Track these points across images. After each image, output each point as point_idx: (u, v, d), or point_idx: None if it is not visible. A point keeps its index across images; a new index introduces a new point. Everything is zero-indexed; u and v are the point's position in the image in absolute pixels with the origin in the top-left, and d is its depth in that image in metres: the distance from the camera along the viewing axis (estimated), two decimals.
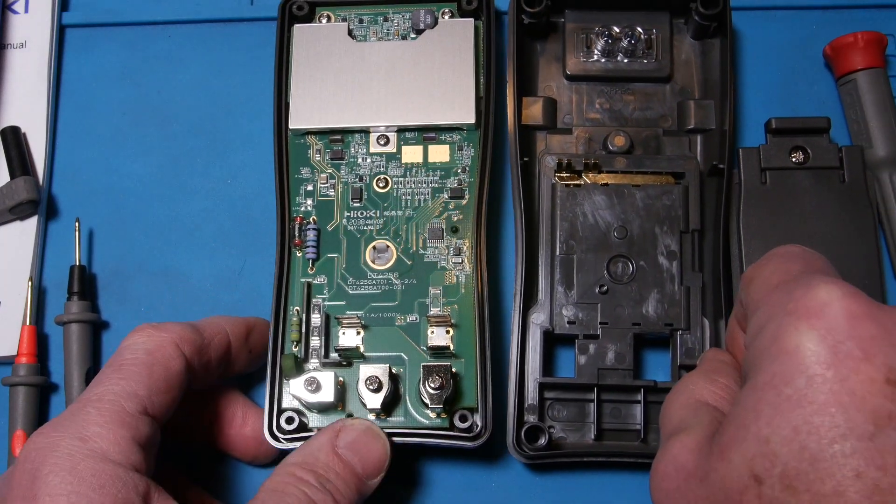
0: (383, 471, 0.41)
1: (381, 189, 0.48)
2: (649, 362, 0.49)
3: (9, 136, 0.51)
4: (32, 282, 0.49)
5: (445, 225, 0.47)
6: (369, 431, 0.41)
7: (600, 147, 0.49)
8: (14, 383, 0.47)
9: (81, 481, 0.34)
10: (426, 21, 0.49)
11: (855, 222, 0.48)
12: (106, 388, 0.38)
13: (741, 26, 0.53)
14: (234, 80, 0.54)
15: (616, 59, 0.50)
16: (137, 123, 0.53)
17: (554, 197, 0.48)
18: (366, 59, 0.48)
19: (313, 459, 0.39)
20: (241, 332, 0.45)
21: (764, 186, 0.48)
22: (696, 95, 0.50)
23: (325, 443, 0.40)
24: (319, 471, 0.39)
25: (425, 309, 0.46)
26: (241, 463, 0.47)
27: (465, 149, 0.48)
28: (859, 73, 0.50)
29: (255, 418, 0.45)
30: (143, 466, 0.37)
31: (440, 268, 0.47)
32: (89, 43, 0.55)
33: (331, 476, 0.39)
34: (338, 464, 0.40)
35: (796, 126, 0.49)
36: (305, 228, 0.47)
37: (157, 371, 0.39)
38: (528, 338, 0.46)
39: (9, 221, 0.51)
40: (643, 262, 0.47)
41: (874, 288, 0.47)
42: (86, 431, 0.36)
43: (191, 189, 0.52)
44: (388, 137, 0.48)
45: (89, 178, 0.52)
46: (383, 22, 0.50)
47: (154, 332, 0.41)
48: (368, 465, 0.41)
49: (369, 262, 0.47)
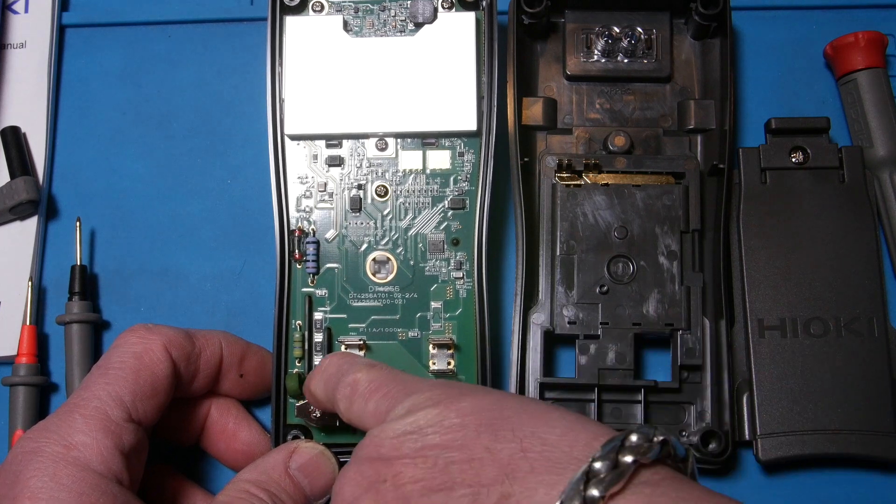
0: (329, 494, 0.42)
1: (380, 197, 0.47)
2: (650, 362, 0.49)
3: (9, 136, 0.51)
4: (32, 282, 0.49)
5: (446, 236, 0.47)
6: (321, 455, 0.42)
7: (600, 147, 0.49)
8: (14, 383, 0.47)
9: (62, 487, 0.36)
10: (425, 13, 0.47)
11: (855, 222, 0.48)
12: (92, 393, 0.39)
13: (741, 26, 0.53)
14: (235, 80, 0.54)
15: (616, 59, 0.50)
16: (137, 123, 0.53)
17: (554, 197, 0.48)
18: (363, 58, 0.47)
19: (266, 478, 0.40)
20: (237, 352, 0.45)
21: (764, 186, 0.48)
22: (696, 95, 0.50)
23: (279, 462, 0.41)
24: (272, 489, 0.40)
25: (426, 324, 0.46)
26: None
27: (466, 154, 0.47)
28: (860, 73, 0.50)
29: (247, 432, 0.45)
30: (126, 476, 0.38)
31: (441, 281, 0.46)
32: (89, 43, 0.55)
33: (282, 496, 0.40)
34: (289, 484, 0.40)
35: (796, 126, 0.49)
36: (305, 241, 0.47)
37: (143, 375, 0.40)
38: (529, 338, 0.46)
39: (9, 221, 0.51)
40: (643, 262, 0.47)
41: (874, 288, 0.47)
42: (71, 439, 0.37)
43: (191, 189, 0.52)
44: (387, 142, 0.48)
45: (89, 178, 0.52)
46: (380, 12, 0.49)
47: (145, 333, 0.41)
48: (317, 488, 0.41)
49: (370, 275, 0.47)
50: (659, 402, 0.46)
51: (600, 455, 0.29)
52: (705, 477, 0.47)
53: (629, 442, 0.29)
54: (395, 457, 0.33)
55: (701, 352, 0.46)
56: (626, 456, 0.29)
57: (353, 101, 0.47)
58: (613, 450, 0.29)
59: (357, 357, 0.41)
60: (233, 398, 0.46)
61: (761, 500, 0.47)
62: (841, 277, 0.47)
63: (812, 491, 0.47)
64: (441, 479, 0.31)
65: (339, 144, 0.48)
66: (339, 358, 0.41)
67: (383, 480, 0.32)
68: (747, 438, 0.45)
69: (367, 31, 0.49)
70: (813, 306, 0.47)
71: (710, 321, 0.46)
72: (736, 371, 0.46)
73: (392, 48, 0.47)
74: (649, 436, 0.30)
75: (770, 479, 0.47)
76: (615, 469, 0.29)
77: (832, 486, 0.47)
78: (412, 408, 0.34)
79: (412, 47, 0.47)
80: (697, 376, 0.46)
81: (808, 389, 0.46)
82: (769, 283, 0.47)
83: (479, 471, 0.31)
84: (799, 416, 0.45)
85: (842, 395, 0.45)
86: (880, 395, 0.45)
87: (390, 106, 0.47)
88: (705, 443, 0.45)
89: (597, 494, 0.28)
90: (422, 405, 0.34)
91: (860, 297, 0.47)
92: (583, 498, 0.28)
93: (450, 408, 0.33)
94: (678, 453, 0.31)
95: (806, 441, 0.45)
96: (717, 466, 0.45)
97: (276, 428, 0.45)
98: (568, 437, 0.31)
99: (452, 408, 0.33)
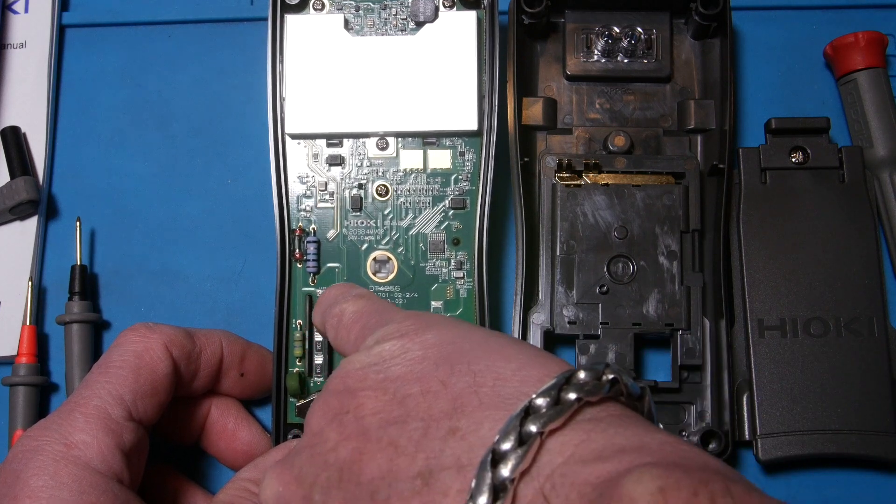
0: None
1: (380, 197, 0.47)
2: (650, 362, 0.49)
3: (9, 136, 0.51)
4: (32, 282, 0.49)
5: (446, 236, 0.47)
6: None
7: (600, 147, 0.49)
8: (14, 383, 0.47)
9: (62, 486, 0.36)
10: (426, 12, 0.47)
11: (855, 222, 0.48)
12: (93, 392, 0.39)
13: (741, 26, 0.53)
14: (235, 80, 0.54)
15: (616, 60, 0.50)
16: (137, 123, 0.53)
17: (554, 197, 0.48)
18: (364, 57, 0.47)
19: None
20: (237, 351, 0.45)
21: (764, 186, 0.48)
22: (696, 95, 0.50)
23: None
24: None
25: None
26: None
27: (467, 154, 0.47)
28: (860, 73, 0.50)
29: (247, 431, 0.45)
30: (126, 474, 0.38)
31: (441, 281, 0.46)
32: (89, 43, 0.55)
33: None
34: None
35: (796, 126, 0.49)
36: (305, 241, 0.47)
37: (143, 374, 0.40)
38: (529, 338, 0.46)
39: (9, 221, 0.51)
40: (643, 263, 0.47)
41: (874, 288, 0.47)
42: (71, 438, 0.37)
43: (191, 189, 0.52)
44: (388, 141, 0.48)
45: (89, 178, 0.52)
46: (380, 11, 0.49)
47: (146, 331, 0.41)
48: None
49: (371, 275, 0.47)
50: (659, 402, 0.46)
51: (543, 391, 0.28)
52: None
53: (575, 379, 0.29)
54: (359, 388, 0.32)
55: (701, 352, 0.46)
56: (570, 393, 0.28)
57: (354, 101, 0.47)
58: (556, 386, 0.28)
59: (351, 287, 0.41)
60: (233, 397, 0.46)
61: None
62: (841, 277, 0.47)
63: (812, 491, 0.47)
64: (397, 411, 0.31)
65: (340, 144, 0.48)
66: (336, 288, 0.41)
67: (346, 412, 0.32)
68: (747, 438, 0.46)
69: (368, 30, 0.49)
70: (813, 306, 0.47)
71: (710, 321, 0.47)
72: (736, 371, 0.46)
73: (393, 47, 0.47)
74: (598, 373, 0.29)
75: (770, 479, 0.47)
76: (556, 405, 0.28)
77: (832, 486, 0.47)
78: (381, 338, 0.34)
79: (413, 46, 0.47)
80: (697, 376, 0.46)
81: (808, 389, 0.46)
82: (769, 283, 0.47)
83: (431, 404, 0.30)
84: (799, 416, 0.45)
85: (842, 395, 0.45)
86: (880, 395, 0.45)
87: (391, 105, 0.47)
88: (705, 443, 0.45)
89: (534, 430, 0.27)
90: (390, 336, 0.34)
91: (860, 297, 0.47)
92: (518, 432, 0.27)
93: (414, 340, 0.33)
94: (632, 391, 0.30)
95: (806, 441, 0.45)
96: None
97: (277, 427, 0.45)
98: (521, 373, 0.30)
99: (417, 340, 0.33)
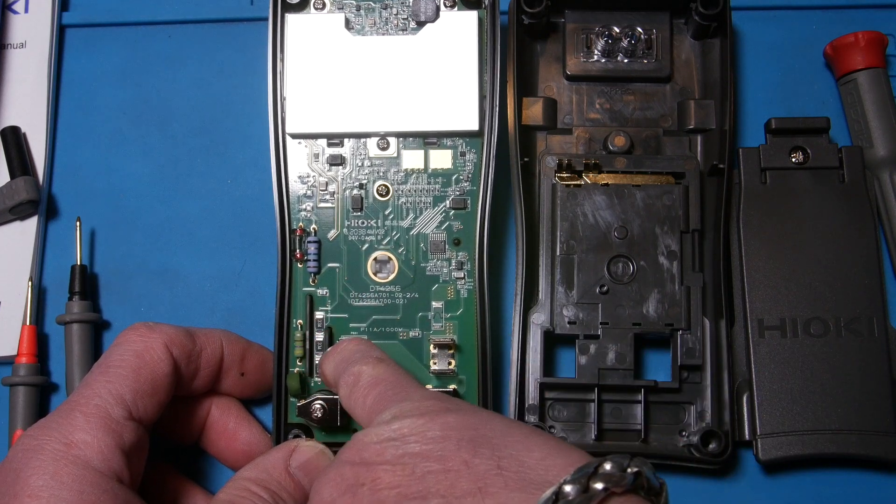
0: None
1: (381, 197, 0.47)
2: (650, 362, 0.49)
3: (9, 136, 0.51)
4: (32, 282, 0.49)
5: (447, 236, 0.47)
6: (322, 454, 0.42)
7: (600, 147, 0.49)
8: (14, 383, 0.47)
9: (62, 485, 0.36)
10: (427, 12, 0.47)
11: (855, 222, 0.48)
12: (93, 391, 0.39)
13: (741, 26, 0.53)
14: (235, 80, 0.54)
15: (616, 59, 0.50)
16: (137, 123, 0.53)
17: (554, 197, 0.48)
18: (365, 57, 0.47)
19: (267, 476, 0.40)
20: (237, 351, 0.45)
21: (764, 186, 0.48)
22: (696, 95, 0.50)
23: (280, 461, 0.41)
24: (273, 488, 0.40)
25: (427, 324, 0.46)
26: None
27: (468, 154, 0.47)
28: (860, 73, 0.50)
29: (247, 431, 0.45)
30: (126, 474, 0.38)
31: (442, 281, 0.47)
32: (89, 43, 0.55)
33: (283, 495, 0.40)
34: (290, 483, 0.41)
35: (796, 126, 0.49)
36: (306, 241, 0.47)
37: (143, 373, 0.40)
38: (529, 338, 0.46)
39: (9, 221, 0.51)
40: (643, 263, 0.47)
41: (874, 288, 0.47)
42: (72, 437, 0.37)
43: (191, 189, 0.52)
44: (389, 141, 0.48)
45: (89, 178, 0.52)
46: (381, 10, 0.48)
47: (146, 331, 0.41)
48: None
49: (371, 275, 0.47)
50: (659, 402, 0.46)
51: (571, 479, 0.29)
52: (706, 477, 0.47)
53: (602, 469, 0.30)
54: (376, 462, 0.33)
55: (701, 352, 0.46)
56: (598, 483, 0.29)
57: (355, 100, 0.47)
58: (585, 475, 0.29)
59: (371, 348, 0.41)
60: (233, 397, 0.46)
61: (761, 500, 0.47)
62: (841, 277, 0.47)
63: (812, 491, 0.47)
64: (416, 487, 0.31)
65: (341, 143, 0.48)
66: (355, 344, 0.41)
67: (361, 484, 0.33)
68: (747, 438, 0.46)
69: (369, 30, 0.48)
70: (813, 306, 0.47)
71: (710, 321, 0.47)
72: (736, 371, 0.46)
73: (394, 47, 0.47)
74: (623, 465, 0.30)
75: (770, 479, 0.47)
76: (584, 493, 0.29)
77: (832, 486, 0.47)
78: (398, 414, 0.34)
79: (414, 46, 0.47)
80: (697, 376, 0.46)
81: (808, 389, 0.46)
82: (769, 283, 0.47)
83: (454, 482, 0.31)
84: (799, 416, 0.45)
85: (842, 395, 0.45)
86: (880, 395, 0.45)
87: (392, 105, 0.47)
88: (705, 443, 0.45)
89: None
90: (408, 413, 0.34)
91: (860, 297, 0.47)
92: None
93: (435, 420, 0.33)
94: (652, 484, 0.31)
95: (806, 441, 0.45)
96: (717, 466, 0.45)
97: (277, 427, 0.45)
98: (545, 462, 0.31)
99: (438, 420, 0.33)
